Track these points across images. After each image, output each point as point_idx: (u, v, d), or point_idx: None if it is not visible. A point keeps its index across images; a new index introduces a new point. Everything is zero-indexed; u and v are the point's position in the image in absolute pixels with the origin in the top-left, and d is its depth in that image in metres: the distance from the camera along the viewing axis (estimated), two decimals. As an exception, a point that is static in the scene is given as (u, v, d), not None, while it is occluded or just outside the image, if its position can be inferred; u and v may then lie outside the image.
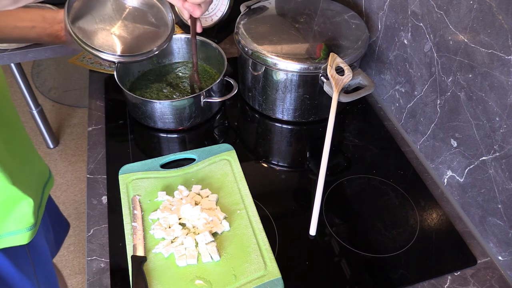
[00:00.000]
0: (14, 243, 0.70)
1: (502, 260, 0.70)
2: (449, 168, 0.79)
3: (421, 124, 0.85)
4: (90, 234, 0.72)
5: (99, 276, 0.67)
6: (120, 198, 0.74)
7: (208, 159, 0.81)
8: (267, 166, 0.86)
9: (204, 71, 1.01)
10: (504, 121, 0.64)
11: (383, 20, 0.90)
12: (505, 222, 0.67)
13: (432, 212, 0.77)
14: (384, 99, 0.97)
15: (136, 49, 0.82)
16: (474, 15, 0.65)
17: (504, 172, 0.65)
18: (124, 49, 0.82)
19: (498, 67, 0.62)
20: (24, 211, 0.70)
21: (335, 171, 0.84)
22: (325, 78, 0.83)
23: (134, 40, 0.83)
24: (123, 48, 0.81)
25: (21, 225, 0.70)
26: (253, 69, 0.89)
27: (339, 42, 0.87)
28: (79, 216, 1.84)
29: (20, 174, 0.70)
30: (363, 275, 0.68)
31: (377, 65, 0.97)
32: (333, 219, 0.75)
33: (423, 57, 0.80)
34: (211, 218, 0.70)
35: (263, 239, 0.68)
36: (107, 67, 1.05)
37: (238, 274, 0.64)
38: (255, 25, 0.91)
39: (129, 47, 0.82)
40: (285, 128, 0.94)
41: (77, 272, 1.66)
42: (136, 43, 0.83)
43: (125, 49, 0.81)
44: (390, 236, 0.73)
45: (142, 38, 0.84)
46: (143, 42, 0.83)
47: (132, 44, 0.83)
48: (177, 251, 0.66)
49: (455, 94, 0.73)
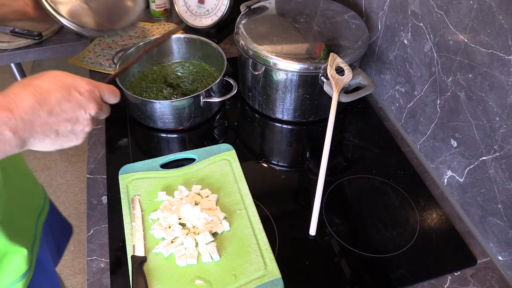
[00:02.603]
0: None
1: (502, 260, 0.70)
2: (449, 168, 0.79)
3: (421, 124, 0.85)
4: (90, 234, 0.72)
5: (99, 276, 0.67)
6: (120, 198, 0.74)
7: (208, 159, 0.81)
8: (267, 166, 0.86)
9: (204, 70, 1.01)
10: (504, 121, 0.63)
11: (383, 20, 0.90)
12: (505, 222, 0.67)
13: (432, 212, 0.77)
14: (384, 99, 0.97)
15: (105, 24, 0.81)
16: (474, 15, 0.65)
17: (504, 172, 0.65)
18: (93, 21, 0.79)
19: (498, 67, 0.62)
20: (17, 263, 0.68)
21: (335, 171, 0.84)
22: (325, 78, 0.83)
23: (104, 12, 0.81)
24: (91, 21, 0.79)
25: (14, 277, 0.68)
26: (253, 69, 0.89)
27: (339, 42, 0.87)
28: (79, 216, 1.84)
29: (16, 219, 0.69)
30: (363, 275, 0.68)
31: (377, 65, 0.97)
32: (333, 219, 0.75)
33: (423, 57, 0.80)
34: (211, 218, 0.70)
35: (263, 239, 0.68)
36: (107, 67, 1.05)
37: (238, 274, 0.64)
38: (255, 25, 0.91)
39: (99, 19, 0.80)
40: (285, 128, 0.94)
41: (77, 272, 1.66)
42: (107, 17, 0.82)
43: (93, 22, 0.79)
44: (390, 236, 0.73)
45: (113, 12, 0.83)
46: (113, 17, 0.82)
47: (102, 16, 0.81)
48: (177, 251, 0.66)
49: (455, 94, 0.73)
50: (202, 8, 1.13)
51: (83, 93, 0.51)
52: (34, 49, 1.17)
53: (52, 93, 0.48)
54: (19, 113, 0.45)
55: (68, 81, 0.50)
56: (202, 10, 1.13)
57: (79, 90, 0.50)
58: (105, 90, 0.54)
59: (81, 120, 0.51)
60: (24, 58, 1.18)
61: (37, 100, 0.47)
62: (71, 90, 0.50)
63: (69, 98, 0.49)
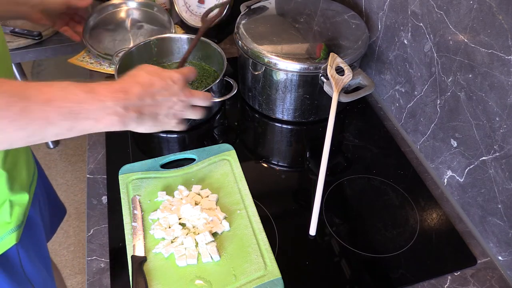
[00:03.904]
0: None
1: (502, 260, 0.70)
2: (449, 168, 0.79)
3: (421, 124, 0.85)
4: (90, 234, 0.72)
5: (99, 276, 0.67)
6: (120, 198, 0.74)
7: (208, 159, 0.81)
8: (267, 166, 0.86)
9: (204, 70, 1.01)
10: (504, 121, 0.63)
11: (383, 20, 0.90)
12: (505, 222, 0.67)
13: (432, 212, 0.77)
14: (384, 99, 0.97)
15: None
16: (474, 15, 0.65)
17: (504, 172, 0.65)
18: None
19: (498, 67, 0.62)
20: (16, 213, 0.70)
21: (335, 171, 0.84)
22: (325, 78, 0.83)
23: None
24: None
25: (10, 226, 0.70)
26: (253, 69, 0.89)
27: (339, 42, 0.87)
28: (79, 216, 1.84)
29: (18, 170, 0.71)
30: (363, 275, 0.68)
31: (377, 65, 0.97)
32: (333, 219, 0.75)
33: (423, 57, 0.80)
34: (211, 218, 0.70)
35: (263, 239, 0.68)
36: (107, 66, 1.05)
37: (238, 274, 0.64)
38: (255, 25, 0.91)
39: None
40: (285, 128, 0.94)
41: (77, 272, 1.66)
42: None
43: None
44: (390, 236, 0.73)
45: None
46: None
47: None
48: (177, 251, 0.66)
49: (455, 94, 0.73)
50: (202, 8, 1.13)
51: (177, 82, 0.62)
52: (34, 49, 1.17)
53: (155, 82, 0.60)
54: (132, 96, 0.57)
55: (164, 73, 0.62)
56: (202, 10, 1.13)
57: (173, 80, 0.62)
58: (188, 73, 0.67)
59: (177, 106, 0.63)
60: (24, 58, 1.18)
61: (144, 87, 0.59)
62: (168, 80, 0.62)
63: (167, 87, 0.61)
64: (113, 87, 0.57)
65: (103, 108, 0.55)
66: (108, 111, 0.55)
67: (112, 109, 0.55)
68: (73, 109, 0.52)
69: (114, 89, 0.56)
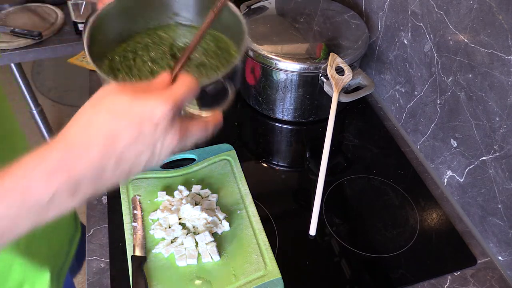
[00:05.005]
0: None
1: (502, 260, 0.70)
2: (449, 168, 0.79)
3: (421, 124, 0.85)
4: (90, 234, 0.72)
5: (99, 276, 0.67)
6: (120, 198, 0.74)
7: (208, 159, 0.81)
8: (267, 166, 0.86)
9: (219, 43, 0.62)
10: (504, 121, 0.63)
11: (383, 20, 0.90)
12: (505, 222, 0.67)
13: (432, 212, 0.77)
14: (384, 99, 0.97)
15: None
16: (474, 15, 0.65)
17: (504, 172, 0.65)
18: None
19: (498, 67, 0.62)
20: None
21: (335, 171, 0.84)
22: (325, 78, 0.83)
23: None
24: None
25: None
26: (253, 69, 0.89)
27: (339, 42, 0.87)
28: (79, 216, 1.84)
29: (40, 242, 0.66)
30: (363, 275, 0.68)
31: (377, 65, 0.97)
32: (333, 219, 0.75)
33: (423, 57, 0.80)
34: (211, 218, 0.70)
35: (263, 239, 0.68)
36: (107, 67, 1.05)
37: (238, 274, 0.64)
38: (255, 25, 0.91)
39: None
40: (285, 128, 0.94)
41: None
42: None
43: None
44: (390, 236, 0.73)
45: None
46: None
47: None
48: (177, 251, 0.66)
49: (455, 94, 0.73)
50: None
51: (159, 124, 0.38)
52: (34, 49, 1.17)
53: (120, 133, 0.37)
54: (78, 172, 0.36)
55: (135, 112, 0.37)
56: None
57: (153, 122, 0.37)
58: (184, 97, 0.40)
59: (158, 153, 0.40)
60: (24, 58, 1.18)
61: (101, 148, 0.37)
62: (143, 126, 0.37)
63: (141, 139, 0.37)
64: (49, 164, 0.36)
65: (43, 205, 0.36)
66: (55, 204, 0.36)
67: (58, 200, 0.36)
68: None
69: (50, 169, 0.36)
